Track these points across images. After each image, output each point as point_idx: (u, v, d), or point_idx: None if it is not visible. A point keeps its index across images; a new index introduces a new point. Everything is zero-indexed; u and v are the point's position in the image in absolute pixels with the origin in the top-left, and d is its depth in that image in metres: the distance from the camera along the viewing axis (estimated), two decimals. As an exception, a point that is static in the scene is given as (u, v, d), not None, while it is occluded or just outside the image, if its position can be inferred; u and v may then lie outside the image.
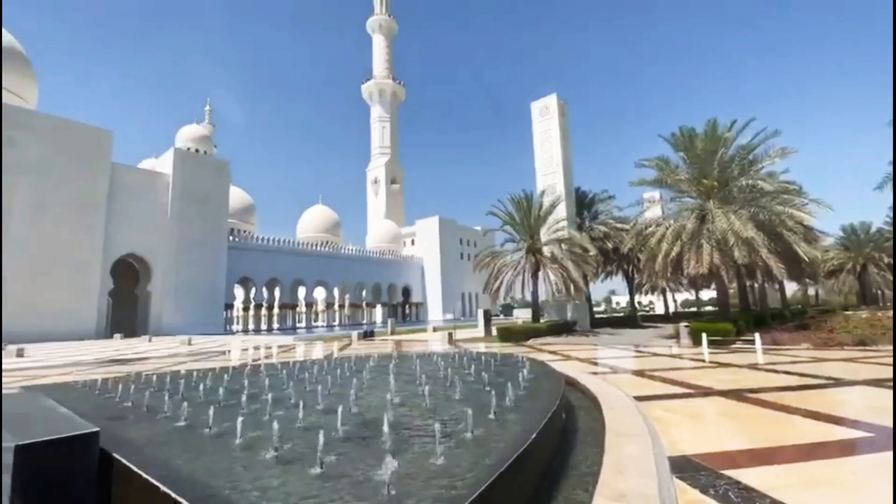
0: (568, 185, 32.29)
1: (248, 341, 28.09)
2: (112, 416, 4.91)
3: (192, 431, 4.25)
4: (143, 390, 6.33)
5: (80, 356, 19.15)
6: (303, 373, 8.24)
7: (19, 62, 45.98)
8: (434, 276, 71.61)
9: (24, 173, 34.21)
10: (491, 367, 8.18)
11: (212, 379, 7.49)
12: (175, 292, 41.83)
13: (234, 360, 16.40)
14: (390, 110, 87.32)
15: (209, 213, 45.18)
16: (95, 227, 37.78)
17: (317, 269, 57.16)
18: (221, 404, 5.30)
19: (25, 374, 12.97)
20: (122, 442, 3.74)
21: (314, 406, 5.18)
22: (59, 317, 34.89)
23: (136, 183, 41.44)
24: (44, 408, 4.60)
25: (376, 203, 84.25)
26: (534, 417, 4.34)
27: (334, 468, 3.15)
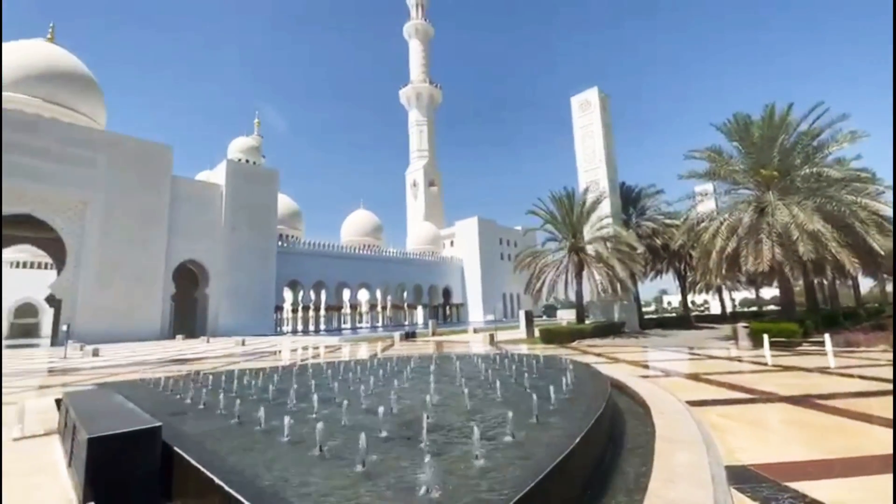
0: (612, 181, 31.19)
1: (297, 342, 29.25)
2: (173, 412, 5.24)
3: (244, 428, 4.46)
4: (201, 388, 6.74)
5: (145, 356, 20.74)
6: (347, 373, 8.46)
7: (90, 87, 50.62)
8: (474, 277, 71.42)
9: (96, 189, 37.58)
10: (533, 369, 8.03)
11: (263, 378, 7.85)
12: (230, 295, 44.36)
13: (283, 360, 17.14)
14: (427, 114, 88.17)
15: (259, 220, 47.62)
16: (158, 236, 40.84)
17: (360, 271, 58.70)
18: (271, 402, 5.54)
19: (100, 373, 14.20)
20: (182, 436, 3.99)
21: (358, 405, 5.30)
22: (128, 319, 37.98)
23: (194, 194, 44.41)
24: (113, 404, 5.01)
25: (415, 206, 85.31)
26: (578, 421, 4.21)
27: (376, 467, 3.21)
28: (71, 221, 36.86)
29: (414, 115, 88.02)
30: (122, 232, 38.54)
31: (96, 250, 37.16)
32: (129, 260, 38.66)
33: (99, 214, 37.58)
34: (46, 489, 3.81)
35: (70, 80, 47.75)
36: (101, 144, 38.86)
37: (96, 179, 37.74)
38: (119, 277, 37.99)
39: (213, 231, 44.58)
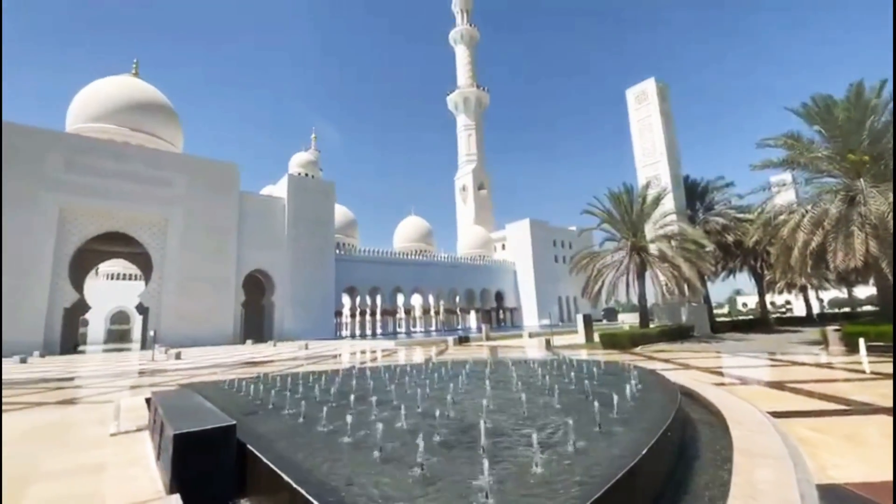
0: (675, 175, 29.40)
1: (356, 346, 30.27)
2: (247, 411, 5.60)
3: (309, 428, 4.66)
4: (270, 390, 7.14)
5: (220, 359, 22.43)
6: (403, 376, 8.60)
7: (169, 114, 56.04)
8: (527, 281, 70.14)
9: (175, 206, 41.40)
10: (594, 375, 7.72)
11: (325, 381, 8.18)
12: (293, 302, 46.94)
13: (343, 363, 17.79)
14: (475, 118, 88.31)
15: (318, 230, 50.10)
16: (230, 247, 44.16)
17: (413, 276, 59.80)
18: (333, 404, 5.75)
19: (182, 374, 15.53)
20: (254, 435, 4.25)
21: (414, 409, 5.36)
22: (205, 325, 41.32)
23: (260, 207, 47.62)
24: (194, 403, 5.44)
25: (465, 210, 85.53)
26: (645, 431, 3.97)
27: (435, 471, 3.21)
28: (155, 237, 40.85)
29: (462, 120, 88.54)
30: (198, 245, 42.07)
31: (177, 262, 40.84)
32: (204, 270, 42.08)
33: (178, 229, 41.31)
34: (140, 480, 4.20)
35: (152, 110, 53.15)
36: (179, 166, 42.79)
37: (175, 198, 41.56)
38: (197, 286, 41.45)
39: (277, 241, 47.45)
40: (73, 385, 13.83)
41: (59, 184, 35.79)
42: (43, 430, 6.92)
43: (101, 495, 3.83)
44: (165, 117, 54.52)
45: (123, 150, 40.56)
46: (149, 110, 52.58)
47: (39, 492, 3.98)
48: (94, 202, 37.33)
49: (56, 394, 11.75)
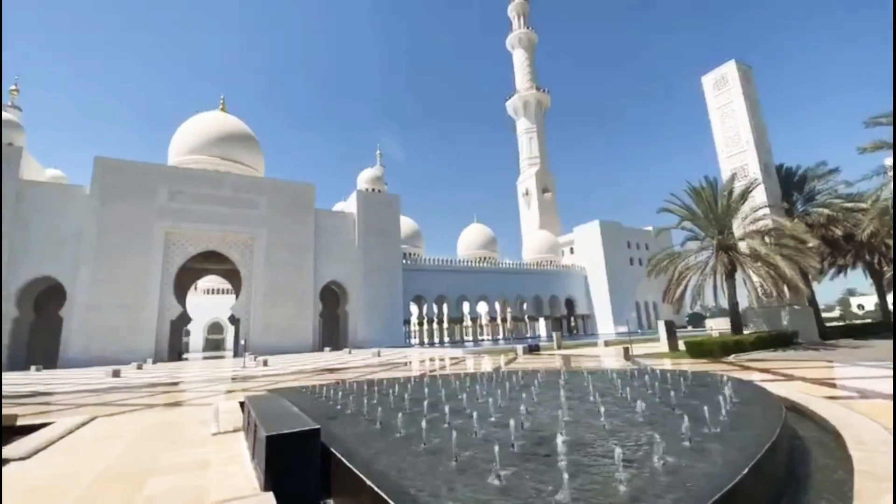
0: (765, 164, 26.56)
1: (424, 353, 30.80)
2: (329, 416, 5.89)
3: (386, 433, 4.79)
4: (348, 395, 7.47)
5: (301, 366, 23.93)
6: (474, 385, 8.56)
7: (252, 143, 61.68)
8: (600, 286, 66.87)
9: (260, 226, 45.26)
10: (681, 386, 7.12)
11: (398, 387, 8.39)
12: (365, 311, 49.01)
13: (414, 371, 18.14)
14: (536, 120, 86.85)
15: (386, 242, 52.06)
16: (307, 262, 47.29)
17: (478, 284, 59.73)
18: (407, 411, 5.87)
19: (270, 380, 16.79)
20: (336, 439, 4.45)
21: (487, 418, 5.30)
22: (288, 334, 44.47)
23: (333, 223, 50.58)
24: (282, 407, 5.83)
25: (529, 215, 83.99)
26: (744, 449, 3.57)
27: (512, 482, 3.14)
28: (243, 254, 44.92)
29: (522, 124, 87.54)
30: (280, 260, 45.57)
31: (262, 277, 44.52)
32: (286, 284, 45.43)
33: (263, 247, 45.08)
34: (237, 477, 4.58)
35: (237, 139, 58.87)
36: (262, 189, 46.85)
37: (260, 218, 45.49)
38: (280, 299, 44.82)
39: (349, 254, 50.01)
40: (178, 389, 15.52)
41: (165, 211, 40.78)
42: (156, 428, 7.81)
43: (207, 489, 4.22)
44: (249, 145, 60.14)
45: (215, 177, 45.29)
46: (235, 140, 58.33)
47: (158, 484, 4.48)
48: (193, 226, 41.98)
49: (164, 397, 13.26)
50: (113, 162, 39.61)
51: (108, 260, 37.47)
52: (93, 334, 35.92)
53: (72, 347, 35.23)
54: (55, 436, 7.03)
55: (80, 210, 37.55)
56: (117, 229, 38.19)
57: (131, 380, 19.39)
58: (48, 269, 35.98)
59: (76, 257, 36.59)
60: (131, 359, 33.33)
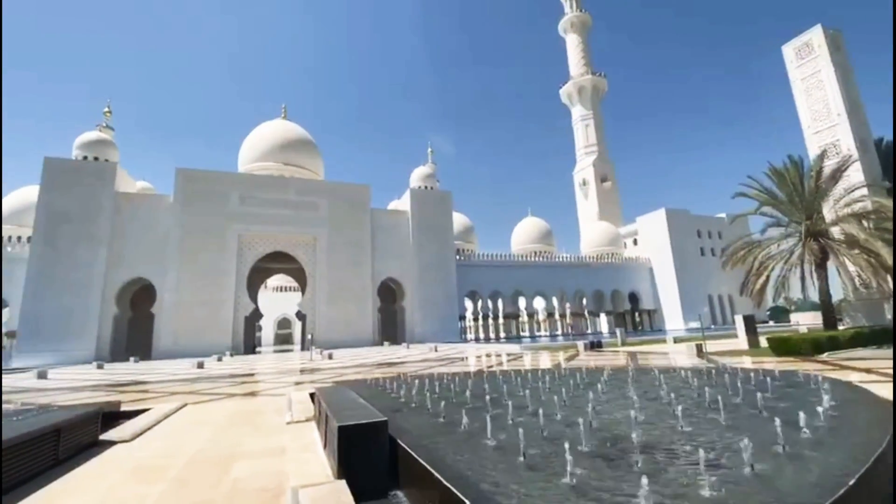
0: (862, 140, 23.55)
1: (481, 349, 30.76)
2: (393, 409, 6.03)
3: (449, 428, 4.81)
4: (410, 389, 7.62)
5: (363, 360, 24.84)
6: (536, 381, 8.38)
7: (312, 148, 64.78)
8: (667, 279, 62.81)
9: (321, 227, 47.48)
10: (767, 387, 6.51)
11: (458, 382, 8.43)
12: (421, 307, 49.88)
13: (471, 366, 18.18)
14: (592, 106, 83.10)
15: (439, 238, 52.54)
16: (365, 260, 48.97)
17: (533, 279, 58.52)
18: (469, 406, 5.86)
19: (334, 372, 17.59)
20: (403, 432, 4.54)
21: (552, 416, 5.16)
22: (349, 329, 46.36)
23: (388, 221, 51.91)
24: (349, 399, 6.06)
25: (587, 206, 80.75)
26: (849, 456, 3.18)
27: (586, 482, 3.01)
28: (307, 254, 47.37)
29: (578, 111, 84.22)
30: (340, 259, 47.58)
31: (325, 275, 46.75)
32: (347, 281, 47.37)
33: (324, 247, 47.29)
34: (312, 463, 4.82)
35: (299, 145, 62.08)
36: (322, 191, 49.12)
37: (321, 219, 47.73)
38: (341, 295, 46.84)
39: (404, 251, 51.11)
40: (254, 380, 16.71)
41: (237, 216, 43.98)
42: (238, 416, 8.45)
43: (286, 474, 4.49)
44: (309, 150, 63.23)
45: (280, 182, 48.11)
46: (296, 146, 61.55)
47: (243, 467, 4.83)
48: (262, 228, 44.93)
49: (243, 387, 14.33)
50: (191, 172, 43.40)
51: (190, 261, 41.14)
52: (179, 329, 39.69)
53: (162, 341, 39.16)
54: (152, 421, 7.82)
55: (165, 217, 41.53)
56: (197, 233, 41.82)
57: (213, 371, 21.18)
58: (141, 270, 40.21)
59: (163, 260, 40.55)
60: (212, 351, 36.42)
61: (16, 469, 4.43)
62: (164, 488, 4.25)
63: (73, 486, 4.51)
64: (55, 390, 14.97)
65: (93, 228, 38.43)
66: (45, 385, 17.11)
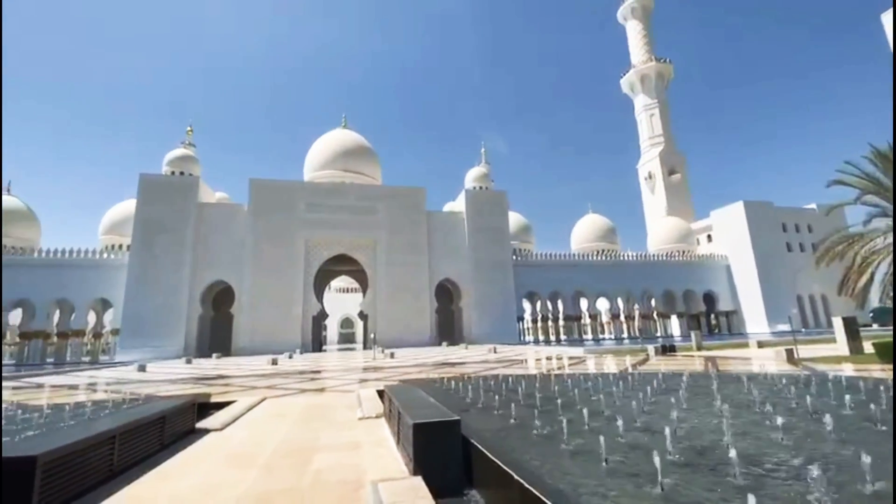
0: None
1: (541, 351, 30.06)
2: (461, 408, 6.06)
3: (522, 430, 4.73)
4: (477, 389, 7.61)
5: (423, 359, 25.24)
6: (607, 386, 8.04)
7: (371, 154, 67.16)
8: (747, 277, 57.44)
9: (380, 230, 49.03)
10: (880, 397, 5.76)
11: (525, 385, 8.29)
12: (477, 307, 49.79)
13: (532, 369, 17.82)
14: (657, 94, 78.28)
15: (495, 238, 52.16)
16: (422, 261, 49.83)
17: (595, 279, 56.19)
18: (539, 408, 5.73)
19: (397, 371, 18.04)
20: (476, 431, 4.53)
21: (631, 422, 4.91)
22: (408, 329, 47.40)
23: (443, 223, 52.45)
24: (418, 397, 6.16)
25: (654, 201, 76.13)
26: None
27: (678, 493, 2.82)
28: (368, 256, 49.12)
29: (641, 101, 79.75)
30: (399, 261, 48.84)
31: (384, 276, 48.22)
32: (405, 282, 48.51)
33: (383, 249, 48.79)
34: (387, 458, 4.96)
35: (358, 153, 64.65)
36: (380, 196, 50.75)
37: (379, 223, 49.32)
38: (400, 296, 48.05)
39: (460, 252, 51.36)
40: (323, 377, 17.57)
41: (304, 222, 46.63)
42: (312, 410, 8.92)
43: (363, 468, 4.66)
44: (368, 156, 65.63)
45: (341, 189, 50.37)
46: (355, 154, 64.16)
47: (322, 459, 5.08)
48: (326, 233, 47.27)
49: (313, 383, 15.12)
50: (263, 182, 46.77)
51: (263, 265, 44.27)
52: (255, 328, 42.82)
53: (241, 338, 42.45)
54: (238, 412, 8.47)
55: (241, 224, 45.05)
56: (269, 238, 44.92)
57: (286, 367, 22.58)
58: (221, 274, 43.90)
59: (240, 263, 43.99)
60: (284, 349, 38.88)
61: (132, 450, 4.99)
62: (256, 474, 4.58)
63: (179, 468, 4.99)
64: (154, 382, 16.73)
65: (180, 236, 42.55)
66: (146, 377, 19.18)
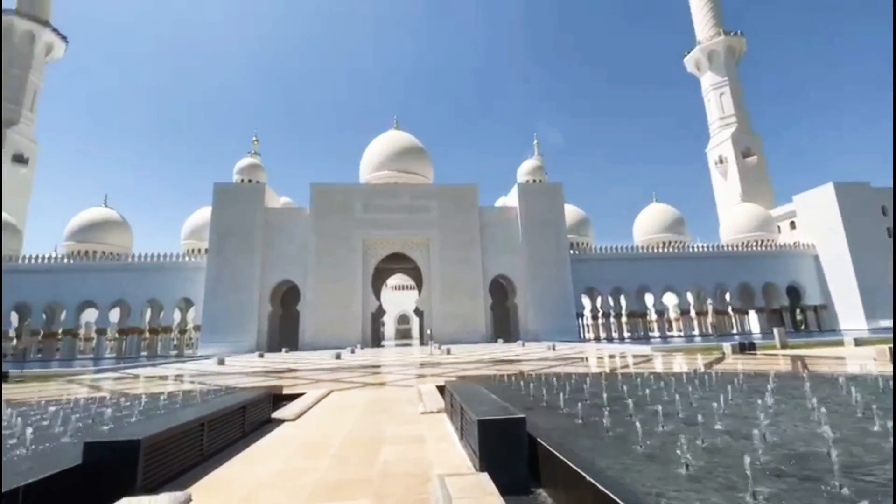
0: None
1: (603, 349, 28.93)
2: (525, 406, 5.95)
3: (591, 430, 4.55)
4: (539, 387, 7.45)
5: (479, 356, 25.19)
6: (679, 386, 7.54)
7: (423, 154, 68.03)
8: (839, 268, 51.24)
9: (433, 228, 49.64)
10: None
11: (589, 383, 8.00)
12: (533, 304, 48.86)
13: (595, 367, 17.18)
14: (727, 72, 71.86)
15: (550, 232, 50.81)
16: (475, 257, 49.79)
17: (662, 272, 52.95)
18: (607, 408, 5.49)
19: (455, 367, 18.16)
20: (539, 429, 4.42)
21: (711, 425, 4.55)
22: (464, 325, 47.60)
23: (496, 218, 52.02)
24: (479, 393, 6.13)
25: (726, 186, 70.16)
26: None
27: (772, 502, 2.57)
28: (421, 254, 49.93)
29: (709, 79, 73.65)
30: (452, 258, 49.18)
31: (438, 273, 48.79)
32: (459, 279, 48.77)
33: (437, 246, 49.35)
34: (451, 454, 4.99)
35: (411, 153, 65.74)
36: (432, 194, 51.36)
37: (432, 221, 49.93)
38: (454, 293, 48.38)
39: (513, 247, 50.69)
40: (383, 371, 18.11)
41: (361, 222, 48.36)
42: (376, 403, 9.21)
43: (429, 462, 4.72)
44: (420, 156, 66.62)
45: (395, 189, 51.58)
46: (408, 154, 65.31)
47: (389, 452, 5.22)
48: (381, 232, 48.69)
49: (374, 377, 15.62)
50: (323, 186, 49.11)
51: (325, 265, 46.53)
52: (318, 324, 45.16)
53: (306, 334, 44.96)
54: (308, 404, 8.93)
55: (304, 227, 47.62)
56: (329, 239, 47.13)
57: (348, 361, 23.55)
58: (287, 274, 46.74)
59: (304, 264, 46.55)
60: (345, 344, 40.64)
61: (219, 437, 5.42)
62: (329, 463, 4.80)
63: (259, 455, 5.36)
64: (233, 374, 18.14)
65: (250, 239, 45.85)
66: (224, 370, 20.85)
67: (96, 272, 46.11)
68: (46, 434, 5.30)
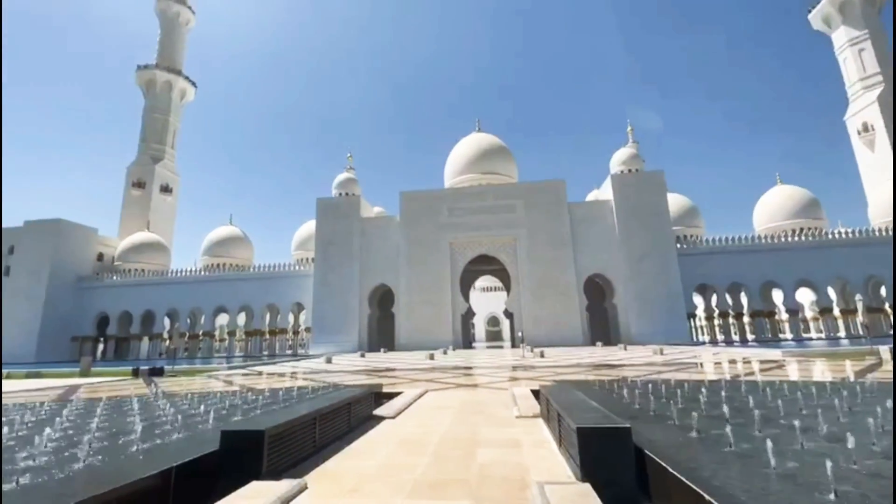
0: None
1: (720, 353, 25.82)
2: (629, 415, 5.53)
3: (709, 445, 4.07)
4: (644, 395, 6.89)
5: (577, 360, 24.05)
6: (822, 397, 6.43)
7: (506, 153, 67.35)
8: None
9: (520, 227, 48.79)
10: None
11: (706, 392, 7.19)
12: (636, 304, 45.31)
13: (712, 374, 15.41)
14: (867, 23, 59.68)
15: (652, 224, 46.73)
16: (567, 255, 47.78)
17: (793, 265, 45.62)
18: (729, 421, 4.87)
19: (550, 371, 17.58)
20: (647, 441, 4.07)
21: (866, 445, 3.79)
22: (557, 327, 45.90)
23: (587, 214, 49.44)
24: (579, 399, 5.85)
25: (874, 159, 58.15)
26: None
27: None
28: (509, 255, 49.37)
29: (843, 35, 61.92)
30: (541, 257, 47.87)
31: (527, 274, 47.81)
32: (550, 279, 47.28)
33: (525, 246, 48.43)
34: (548, 461, 4.83)
35: (494, 153, 65.52)
36: (517, 193, 50.59)
37: (518, 220, 49.14)
38: (545, 294, 46.99)
39: (609, 244, 47.69)
40: (475, 373, 18.21)
41: (447, 226, 49.44)
42: (470, 405, 9.29)
43: (526, 467, 4.62)
44: (503, 156, 66.12)
45: (479, 191, 51.82)
46: (491, 155, 65.20)
47: (485, 454, 5.22)
48: (468, 235, 49.23)
49: (467, 379, 15.78)
50: (411, 194, 51.27)
51: (416, 269, 48.47)
52: (412, 326, 47.13)
53: (402, 335, 47.19)
54: (406, 402, 9.32)
55: (395, 233, 50.19)
56: (418, 244, 49.01)
57: (441, 362, 24.15)
58: (382, 278, 49.63)
59: (397, 268, 49.02)
60: (438, 345, 41.75)
61: (329, 430, 5.91)
62: (427, 462, 4.95)
63: (364, 449, 5.73)
64: (339, 372, 19.68)
65: (348, 248, 49.69)
66: (331, 368, 22.69)
67: (226, 282, 53.70)
68: (193, 421, 6.24)
